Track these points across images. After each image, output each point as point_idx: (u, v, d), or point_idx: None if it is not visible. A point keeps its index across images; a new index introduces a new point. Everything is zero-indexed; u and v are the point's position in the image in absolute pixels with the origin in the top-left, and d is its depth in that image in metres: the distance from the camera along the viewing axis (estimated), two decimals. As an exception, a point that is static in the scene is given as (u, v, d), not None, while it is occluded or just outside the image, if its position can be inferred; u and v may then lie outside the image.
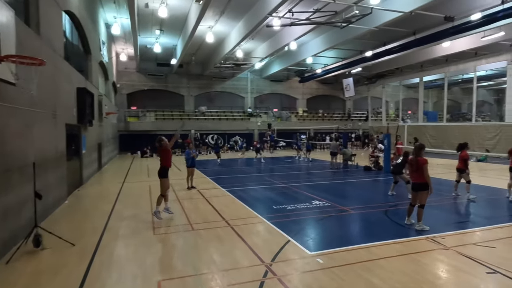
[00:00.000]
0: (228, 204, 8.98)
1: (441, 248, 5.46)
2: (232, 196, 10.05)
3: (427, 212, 6.94)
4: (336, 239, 6.12)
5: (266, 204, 9.05)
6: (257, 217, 7.51)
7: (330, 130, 32.71)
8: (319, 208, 8.39)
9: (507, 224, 6.87)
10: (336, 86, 36.00)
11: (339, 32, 19.31)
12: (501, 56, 22.12)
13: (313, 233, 6.49)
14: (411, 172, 6.71)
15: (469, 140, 23.17)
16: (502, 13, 14.04)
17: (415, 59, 26.16)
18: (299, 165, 18.96)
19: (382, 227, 6.85)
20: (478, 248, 5.51)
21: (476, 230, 6.52)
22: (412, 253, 5.27)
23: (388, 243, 5.74)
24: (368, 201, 9.39)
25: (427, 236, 6.07)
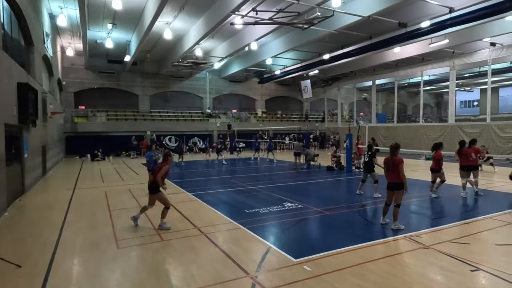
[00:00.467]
0: (197, 210, 8.41)
1: (421, 248, 5.48)
2: (199, 200, 9.47)
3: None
4: (318, 243, 5.91)
5: (238, 208, 8.63)
6: (231, 223, 7.07)
7: (289, 131, 33.23)
8: (293, 210, 8.17)
9: (470, 220, 7.18)
10: (294, 87, 36.57)
11: (300, 34, 19.49)
12: (444, 62, 23.93)
13: (293, 238, 6.21)
14: (387, 172, 6.72)
15: (417, 140, 24.88)
16: (450, 22, 15.07)
17: (368, 63, 27.42)
18: (263, 166, 18.77)
19: (360, 228, 6.79)
20: (454, 245, 5.61)
21: (446, 227, 6.70)
22: (396, 254, 5.21)
23: (371, 245, 5.64)
24: (339, 201, 9.40)
25: (405, 235, 6.10)
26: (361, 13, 15.35)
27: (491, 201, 9.16)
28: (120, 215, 7.97)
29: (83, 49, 21.85)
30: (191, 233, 6.45)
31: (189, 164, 19.93)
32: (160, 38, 21.12)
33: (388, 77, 29.53)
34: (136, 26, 19.87)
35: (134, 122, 27.80)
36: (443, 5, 14.66)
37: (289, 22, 15.81)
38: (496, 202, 8.93)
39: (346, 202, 9.23)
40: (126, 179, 13.84)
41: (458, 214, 7.80)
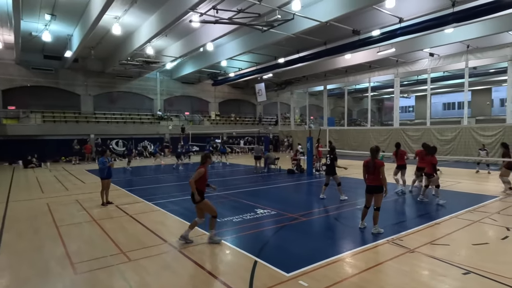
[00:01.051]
0: (162, 221, 7.60)
1: (408, 252, 5.42)
2: (163, 210, 8.62)
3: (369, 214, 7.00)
4: (306, 253, 5.55)
5: (207, 217, 7.98)
6: (205, 234, 6.43)
7: (244, 134, 32.94)
8: (268, 217, 7.77)
9: (440, 220, 7.42)
10: (247, 90, 36.45)
11: (257, 36, 19.29)
12: (389, 70, 25.57)
13: (277, 249, 5.78)
14: (367, 175, 6.64)
15: (366, 142, 26.04)
16: (400, 31, 15.98)
17: (320, 69, 28.22)
18: (221, 170, 18.14)
19: (342, 234, 6.63)
20: (436, 247, 5.66)
21: (420, 228, 6.79)
22: (388, 261, 5.06)
23: (359, 252, 5.45)
24: (311, 206, 9.22)
25: (387, 239, 6.04)
26: (319, 18, 15.61)
27: (450, 200, 9.68)
28: (71, 231, 6.87)
29: (15, 41, 19.30)
30: (161, 249, 5.71)
31: (140, 170, 18.54)
32: (107, 33, 19.47)
33: (338, 82, 30.77)
34: (80, 18, 18.05)
35: (76, 125, 25.29)
36: (394, 15, 15.49)
37: (249, 23, 15.49)
38: (457, 201, 9.44)
39: (319, 206, 9.08)
40: (71, 189, 12.28)
41: (426, 215, 8.04)
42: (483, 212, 7.98)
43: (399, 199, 9.79)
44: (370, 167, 6.53)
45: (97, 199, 9.98)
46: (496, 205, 8.74)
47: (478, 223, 7.06)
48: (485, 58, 20.92)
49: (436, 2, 14.35)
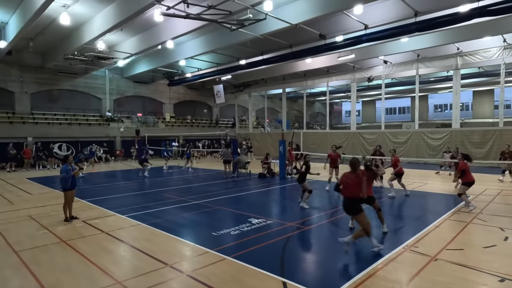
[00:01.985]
0: (149, 238, 6.58)
1: (431, 260, 5.24)
2: (143, 224, 7.54)
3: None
4: (331, 268, 5.10)
5: (200, 231, 7.16)
6: (209, 253, 5.63)
7: (201, 137, 31.76)
8: (267, 228, 7.18)
9: (437, 223, 7.50)
10: (203, 92, 35.32)
11: (222, 36, 18.61)
12: (346, 75, 26.53)
13: (298, 264, 5.23)
14: (346, 187, 5.80)
15: (323, 145, 26.67)
16: (365, 37, 16.49)
17: (279, 72, 28.25)
18: (190, 176, 16.99)
19: (355, 243, 6.28)
20: (454, 252, 5.58)
21: (425, 232, 6.76)
22: (420, 272, 4.80)
23: (385, 263, 5.13)
24: (304, 213, 8.77)
25: (403, 247, 5.83)
26: (289, 20, 15.45)
27: (431, 201, 10.00)
28: (39, 258, 5.57)
29: None
30: (165, 275, 4.80)
31: (93, 177, 16.62)
32: (52, 23, 17.25)
33: (296, 86, 31.19)
34: (18, 5, 15.66)
35: (10, 126, 22.01)
36: (360, 21, 15.94)
37: (220, 21, 14.75)
38: (437, 202, 9.75)
39: (312, 213, 8.69)
40: (16, 202, 10.37)
41: (420, 218, 8.11)
42: (467, 213, 8.28)
43: (383, 203, 9.84)
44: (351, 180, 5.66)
45: (55, 213, 8.52)
46: (478, 205, 9.17)
47: (472, 225, 7.25)
48: (433, 67, 22.68)
49: (399, 12, 14.99)
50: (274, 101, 43.04)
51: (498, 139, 19.08)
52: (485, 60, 20.23)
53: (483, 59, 20.21)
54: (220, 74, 25.98)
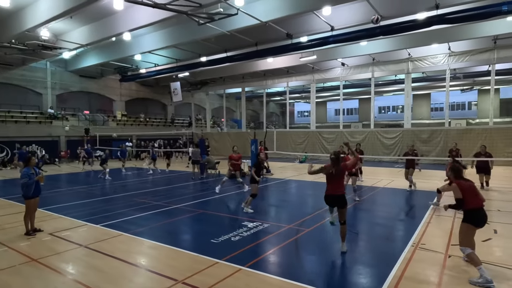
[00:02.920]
0: (142, 251, 5.76)
1: (447, 258, 5.28)
2: (127, 234, 6.63)
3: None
4: (356, 272, 4.86)
5: (196, 238, 6.52)
6: (219, 263, 5.05)
7: (155, 136, 30.06)
8: (267, 231, 6.76)
9: (426, 218, 7.74)
10: (157, 89, 33.56)
11: (187, 30, 17.70)
12: (306, 76, 27.05)
13: (323, 270, 4.93)
14: (331, 184, 5.65)
15: (285, 144, 26.95)
16: (332, 39, 16.84)
17: (239, 71, 27.84)
18: (156, 178, 15.78)
19: (367, 243, 6.15)
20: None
21: (423, 229, 6.90)
22: (444, 270, 4.78)
23: (404, 262, 5.04)
24: (295, 213, 8.50)
25: (412, 245, 5.84)
26: (260, 17, 15.15)
27: (409, 198, 10.40)
28: (13, 284, 4.51)
29: None
30: (183, 294, 4.16)
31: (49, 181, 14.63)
32: (-16, 4, 14.88)
33: (256, 85, 31.03)
34: None
35: None
36: (328, 22, 16.22)
37: (191, 13, 13.93)
38: (415, 199, 10.15)
39: (304, 213, 8.44)
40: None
41: (408, 214, 8.32)
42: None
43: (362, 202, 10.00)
44: (334, 176, 5.56)
45: (8, 226, 7.21)
46: (450, 200, 9.73)
47: (458, 219, 7.56)
48: (387, 70, 24.08)
49: (364, 15, 15.50)
50: (230, 100, 42.51)
51: (445, 138, 20.84)
52: (433, 66, 21.98)
53: (431, 65, 21.95)
54: (179, 71, 24.82)
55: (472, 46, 20.37)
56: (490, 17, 13.53)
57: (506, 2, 12.59)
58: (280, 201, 10.54)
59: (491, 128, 20.06)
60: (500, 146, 18.97)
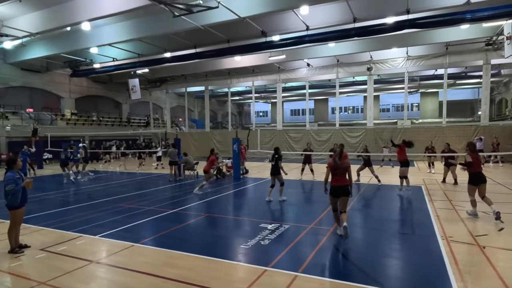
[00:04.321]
0: (171, 263, 5.02)
1: (481, 248, 5.43)
2: (138, 245, 5.79)
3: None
4: (411, 269, 4.74)
5: (221, 244, 5.91)
6: (268, 271, 4.58)
7: (111, 137, 27.82)
8: (292, 232, 6.42)
9: (432, 212, 8.00)
10: (111, 86, 31.15)
11: (157, 22, 16.57)
12: (272, 76, 27.08)
13: (385, 270, 4.72)
14: (334, 176, 6.09)
15: (251, 143, 26.66)
16: (308, 38, 16.98)
17: (202, 69, 26.91)
18: (132, 181, 14.42)
19: (401, 240, 6.10)
20: (486, 239, 5.93)
21: (438, 222, 7.09)
22: (491, 261, 4.86)
23: (449, 256, 5.06)
24: (308, 213, 8.25)
25: (442, 238, 5.93)
26: (238, 13, 14.69)
27: (402, 193, 10.75)
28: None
29: None
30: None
31: None
32: None
33: (220, 84, 30.29)
34: None
35: None
36: (304, 22, 16.31)
37: (169, 2, 12.97)
38: (407, 194, 10.51)
39: (316, 213, 8.24)
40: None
41: (415, 210, 8.55)
42: (443, 201, 9.16)
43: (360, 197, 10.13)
44: (338, 168, 6.01)
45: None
46: (439, 193, 10.26)
47: (459, 211, 7.96)
48: (351, 72, 25.05)
49: (340, 17, 15.89)
50: (188, 99, 41.00)
51: (403, 136, 22.21)
52: (392, 68, 23.38)
53: (391, 67, 23.34)
54: (141, 66, 23.17)
55: (427, 51, 22.09)
56: (456, 23, 14.70)
57: (469, 11, 13.74)
58: (279, 201, 10.21)
59: (444, 127, 21.91)
60: (451, 143, 20.75)
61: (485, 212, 7.74)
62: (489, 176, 13.93)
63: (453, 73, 26.97)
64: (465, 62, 22.56)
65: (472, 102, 41.85)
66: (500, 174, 14.56)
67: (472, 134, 20.46)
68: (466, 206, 8.41)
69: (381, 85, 33.64)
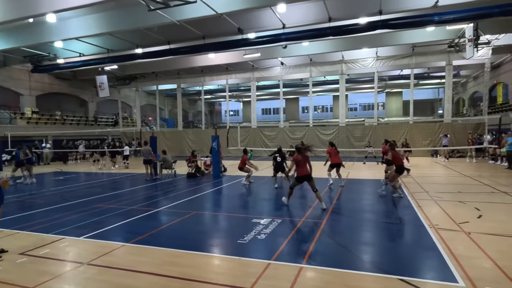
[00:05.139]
0: (173, 261, 4.79)
1: (467, 234, 5.73)
2: (130, 244, 5.49)
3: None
4: (414, 258, 4.89)
5: (217, 240, 5.76)
6: (273, 264, 4.52)
7: (75, 136, 26.35)
8: (286, 226, 6.42)
9: (414, 202, 8.35)
10: (75, 83, 29.52)
11: (130, 15, 15.89)
12: (246, 74, 27.00)
13: (386, 258, 4.82)
14: (301, 167, 7.78)
15: (224, 142, 26.48)
16: (284, 36, 17.10)
17: (173, 66, 26.24)
18: (104, 182, 13.69)
19: (393, 228, 6.28)
20: (469, 225, 6.27)
21: (420, 212, 7.41)
22: (481, 245, 5.14)
23: (439, 242, 5.29)
24: (291, 206, 8.28)
25: (429, 226, 6.19)
26: (216, 8, 14.48)
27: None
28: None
29: None
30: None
31: None
32: None
33: (192, 82, 29.75)
34: None
35: None
36: (281, 20, 16.41)
37: (146, -5, 12.50)
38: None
39: (301, 207, 8.28)
40: None
41: (397, 200, 8.87)
42: (421, 192, 9.60)
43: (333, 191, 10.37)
44: (301, 161, 7.76)
45: None
46: (415, 186, 10.73)
47: (441, 202, 8.36)
48: (323, 71, 25.59)
49: (316, 16, 16.15)
50: (158, 97, 39.90)
51: (374, 134, 23.12)
52: (363, 68, 24.19)
53: (362, 67, 24.13)
54: (110, 62, 22.14)
55: (395, 52, 23.09)
56: (424, 25, 15.47)
57: (437, 14, 14.53)
58: (265, 197, 10.16)
59: (411, 125, 23.02)
60: (418, 139, 21.92)
61: (462, 201, 8.21)
62: (455, 170, 14.87)
63: (417, 73, 28.42)
64: (429, 63, 23.89)
65: (433, 101, 44.42)
66: (466, 168, 15.55)
67: (437, 130, 21.69)
68: (443, 196, 8.89)
69: (351, 85, 34.71)
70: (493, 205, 7.90)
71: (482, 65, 22.68)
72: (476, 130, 20.32)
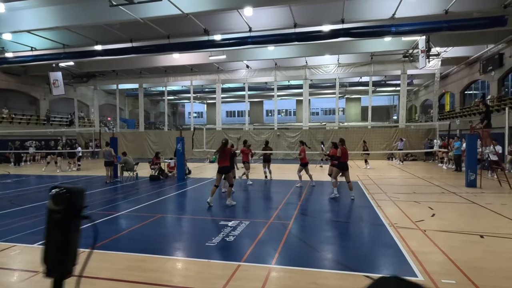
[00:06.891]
0: (138, 266, 4.58)
1: (423, 232, 6.13)
2: (96, 251, 5.18)
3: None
4: (376, 254, 5.11)
5: (184, 243, 5.63)
6: (243, 266, 4.51)
7: (25, 136, 24.46)
8: (255, 227, 6.43)
9: (373, 202, 8.76)
10: (25, 79, 27.42)
11: (89, 10, 15.18)
12: (211, 76, 26.79)
13: (352, 255, 4.98)
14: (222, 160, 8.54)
15: (189, 143, 26.09)
16: (251, 39, 17.19)
17: (135, 65, 25.44)
18: (52, 185, 12.78)
19: (360, 227, 6.51)
20: (424, 223, 6.71)
21: (378, 211, 7.80)
22: (435, 242, 5.52)
23: (400, 239, 5.61)
24: (258, 208, 8.32)
25: (389, 225, 6.54)
26: (181, 8, 14.27)
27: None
28: None
29: None
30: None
31: None
32: None
33: (155, 82, 28.91)
34: None
35: None
36: (247, 23, 16.52)
37: (108, -11, 11.97)
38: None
39: (267, 209, 8.36)
40: None
41: (355, 199, 9.24)
42: (379, 193, 10.11)
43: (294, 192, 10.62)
44: (221, 154, 8.56)
45: None
46: (374, 187, 11.26)
47: (397, 202, 8.87)
48: (288, 75, 26.10)
49: (282, 21, 16.48)
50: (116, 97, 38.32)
51: (335, 138, 23.89)
52: (326, 74, 25.04)
53: (324, 73, 24.96)
54: (66, 58, 20.89)
55: (355, 60, 24.17)
56: (382, 35, 16.37)
57: (394, 25, 15.46)
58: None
59: (369, 129, 24.19)
60: (375, 143, 23.09)
61: (417, 201, 8.76)
62: (409, 172, 15.80)
63: (375, 81, 29.95)
64: (386, 71, 25.31)
65: (388, 107, 47.03)
66: (418, 170, 16.62)
67: (393, 135, 23.01)
68: (400, 197, 9.43)
69: (314, 90, 35.69)
70: (444, 204, 8.53)
71: (433, 75, 24.46)
72: (427, 135, 21.84)
